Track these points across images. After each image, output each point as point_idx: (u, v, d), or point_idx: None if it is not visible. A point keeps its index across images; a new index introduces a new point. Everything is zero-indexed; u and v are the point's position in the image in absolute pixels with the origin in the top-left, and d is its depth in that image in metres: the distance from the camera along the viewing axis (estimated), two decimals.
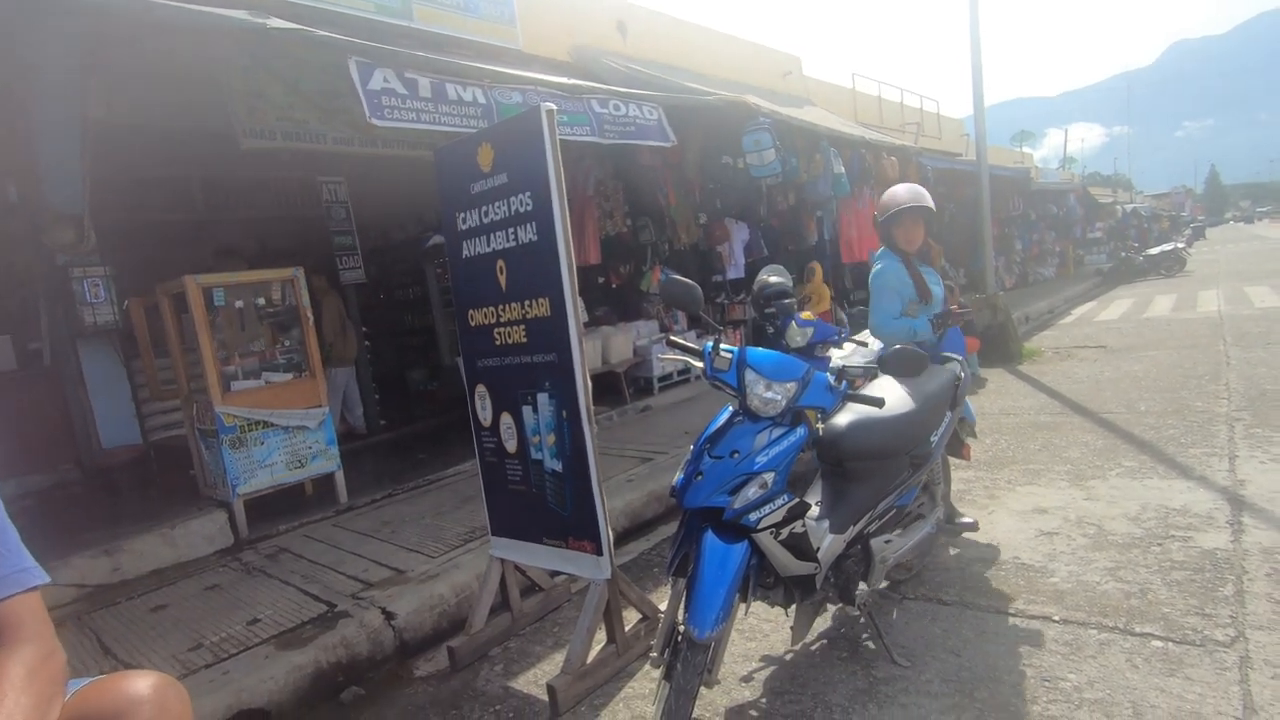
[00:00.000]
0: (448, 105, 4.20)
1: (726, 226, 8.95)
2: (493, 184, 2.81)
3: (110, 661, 3.07)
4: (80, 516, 4.78)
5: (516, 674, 2.84)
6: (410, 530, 4.33)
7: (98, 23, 3.52)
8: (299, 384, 4.89)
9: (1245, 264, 18.84)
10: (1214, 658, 2.32)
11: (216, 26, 3.51)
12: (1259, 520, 3.30)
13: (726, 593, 2.09)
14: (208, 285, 4.59)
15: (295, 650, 2.92)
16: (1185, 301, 12.11)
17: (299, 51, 4.08)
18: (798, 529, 2.25)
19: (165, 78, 4.41)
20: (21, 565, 1.18)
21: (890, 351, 2.21)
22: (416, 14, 5.93)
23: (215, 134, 4.81)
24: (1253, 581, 2.76)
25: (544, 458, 2.85)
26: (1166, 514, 3.49)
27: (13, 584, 1.16)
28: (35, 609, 1.16)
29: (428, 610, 3.29)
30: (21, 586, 1.16)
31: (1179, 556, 3.04)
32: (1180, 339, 8.39)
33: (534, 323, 2.76)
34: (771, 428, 2.23)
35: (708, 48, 9.68)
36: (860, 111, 13.21)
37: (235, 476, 4.52)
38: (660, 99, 5.86)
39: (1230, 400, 5.40)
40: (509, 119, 3.04)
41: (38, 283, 5.24)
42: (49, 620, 1.19)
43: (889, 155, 9.56)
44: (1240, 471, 3.92)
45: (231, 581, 3.86)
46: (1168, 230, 29.35)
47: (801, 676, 2.53)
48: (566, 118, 4.88)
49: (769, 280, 4.18)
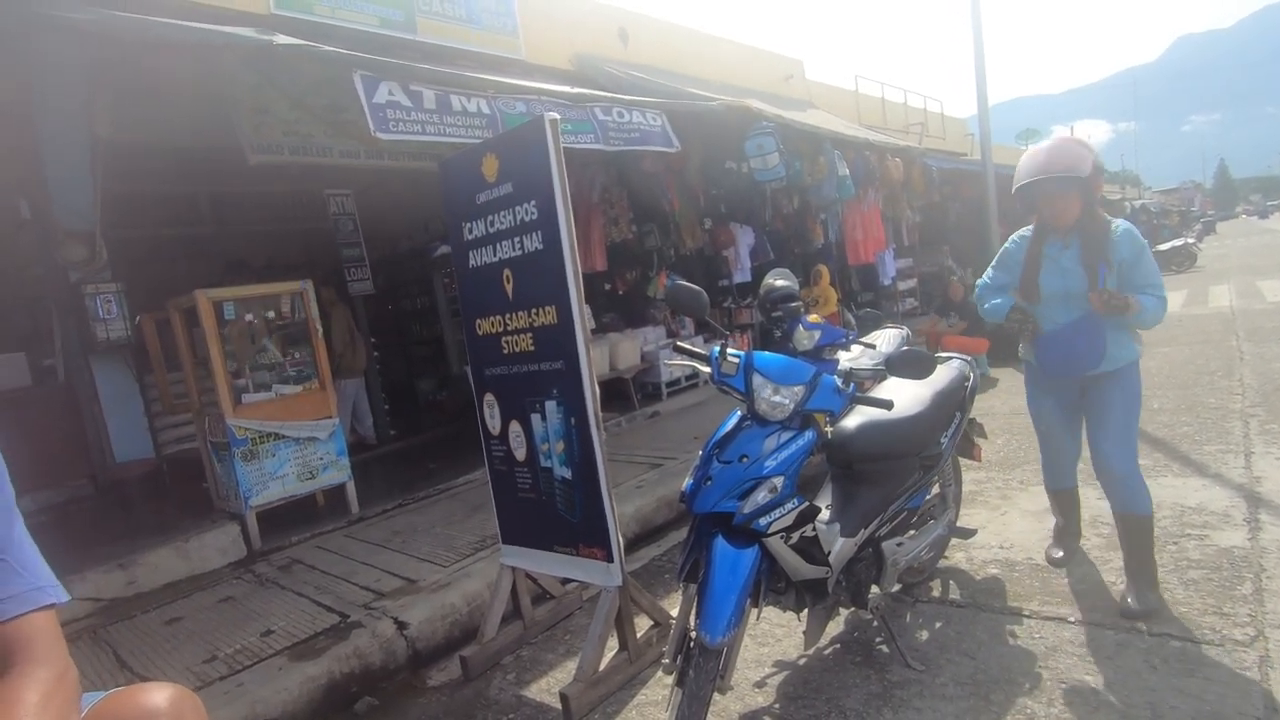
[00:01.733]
0: (452, 117, 4.22)
1: (732, 231, 8.96)
2: (498, 194, 2.83)
3: (126, 674, 3.09)
4: (94, 531, 4.81)
5: (529, 682, 2.84)
6: (421, 540, 4.34)
7: (103, 43, 3.57)
8: (309, 396, 4.92)
9: (1256, 258, 18.66)
10: (1233, 657, 2.30)
11: (224, 44, 3.56)
12: (1276, 517, 3.26)
13: (738, 598, 2.08)
14: (218, 299, 4.62)
15: (309, 661, 2.93)
16: (1196, 297, 12.00)
17: (304, 67, 4.12)
18: (808, 533, 2.24)
19: (172, 95, 4.47)
20: (36, 584, 1.18)
21: (898, 353, 2.21)
22: (420, 27, 5.98)
23: (223, 150, 4.86)
24: (1271, 579, 2.73)
25: (553, 465, 2.85)
26: (1182, 512, 3.46)
27: (26, 602, 1.15)
28: (48, 628, 1.16)
29: (440, 619, 3.29)
30: (34, 605, 1.15)
31: (1196, 555, 3.01)
32: (1192, 335, 8.31)
33: (541, 331, 2.77)
34: (780, 431, 2.23)
35: (709, 53, 9.71)
36: (863, 113, 13.20)
37: (247, 489, 4.54)
38: (663, 105, 5.88)
39: (1244, 396, 5.34)
40: (513, 129, 3.06)
41: (51, 300, 5.30)
42: (62, 638, 1.19)
43: (893, 156, 9.54)
44: (1256, 468, 3.88)
45: (245, 593, 3.88)
46: (1177, 225, 29.12)
47: (815, 681, 2.51)
48: (570, 126, 4.90)
49: (775, 284, 4.15)
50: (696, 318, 2.40)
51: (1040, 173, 2.63)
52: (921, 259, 13.08)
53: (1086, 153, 2.64)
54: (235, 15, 4.64)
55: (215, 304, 4.60)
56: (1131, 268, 2.67)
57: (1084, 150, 2.65)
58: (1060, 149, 2.66)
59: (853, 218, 9.81)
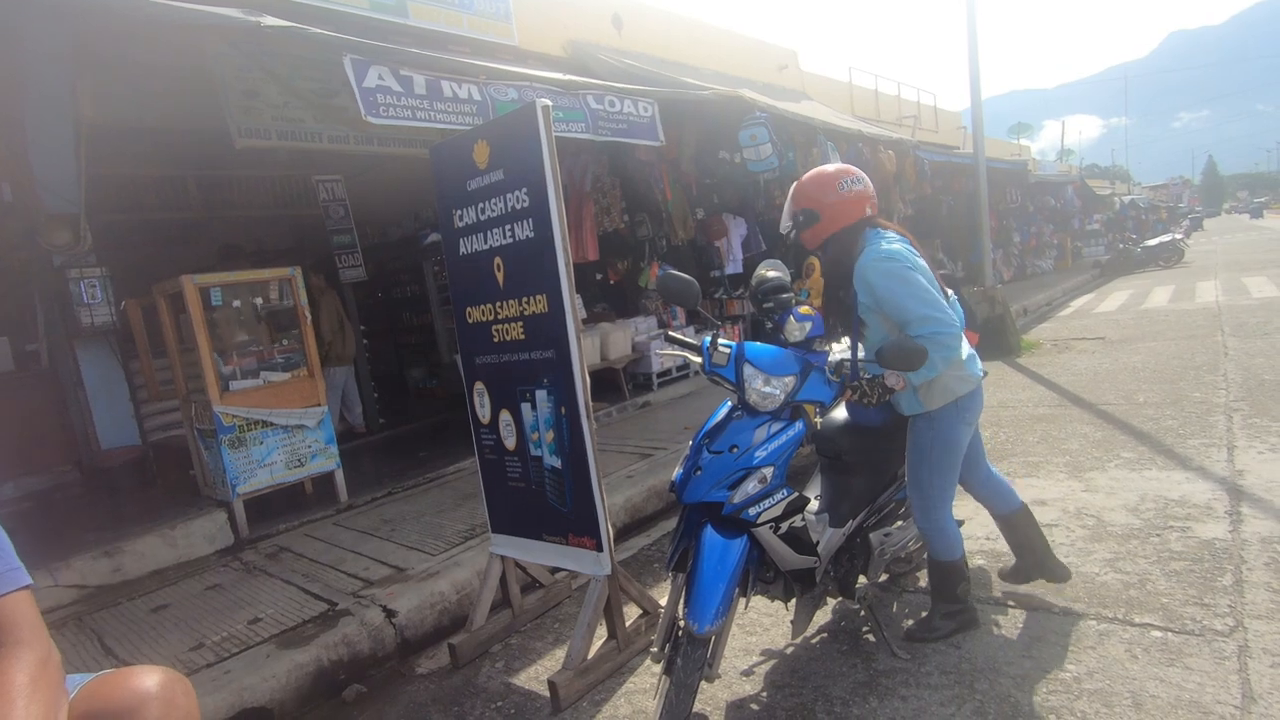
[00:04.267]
0: (443, 102, 4.18)
1: (724, 221, 8.94)
2: (489, 181, 2.81)
3: (112, 662, 3.07)
4: (80, 518, 4.78)
5: (518, 670, 2.85)
6: (411, 528, 4.34)
7: (86, 20, 3.50)
8: (297, 383, 4.88)
9: (1243, 254, 18.85)
10: (1213, 647, 2.33)
11: (209, 24, 3.50)
12: (1257, 510, 3.30)
13: (726, 587, 2.10)
14: (205, 285, 4.58)
15: (297, 649, 2.92)
16: (1183, 293, 12.12)
17: (294, 49, 4.06)
18: (797, 523, 2.25)
19: (158, 77, 4.40)
20: (11, 565, 1.17)
21: (888, 344, 2.21)
22: (411, 11, 5.91)
23: (210, 133, 4.79)
24: (1251, 571, 2.77)
25: (543, 454, 2.85)
26: (1165, 505, 3.50)
27: (4, 582, 1.15)
28: (28, 610, 1.15)
29: (429, 608, 3.29)
30: (13, 585, 1.15)
31: (1178, 547, 3.05)
32: (1178, 330, 8.40)
33: (532, 319, 2.76)
34: (770, 422, 2.23)
35: (703, 41, 9.66)
36: (857, 105, 13.19)
37: (235, 476, 4.52)
38: (656, 94, 5.84)
39: (1228, 390, 5.41)
40: (505, 115, 3.03)
41: (34, 284, 5.23)
42: (42, 621, 1.18)
43: (886, 148, 9.54)
44: (1239, 461, 3.93)
45: (232, 581, 3.86)
46: (1165, 221, 29.36)
47: (802, 670, 2.53)
48: (562, 114, 4.86)
49: (767, 275, 4.15)
50: (688, 308, 2.40)
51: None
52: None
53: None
54: None
55: (202, 289, 4.55)
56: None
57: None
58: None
59: None
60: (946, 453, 2.48)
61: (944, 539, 2.56)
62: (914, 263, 2.37)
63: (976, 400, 2.52)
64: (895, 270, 2.33)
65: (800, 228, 2.56)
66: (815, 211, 2.50)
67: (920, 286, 2.31)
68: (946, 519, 2.55)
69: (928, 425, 2.48)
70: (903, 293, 2.31)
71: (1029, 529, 2.75)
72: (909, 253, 2.40)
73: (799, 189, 2.56)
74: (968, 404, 2.47)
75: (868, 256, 2.39)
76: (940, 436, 2.47)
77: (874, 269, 2.36)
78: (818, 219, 2.50)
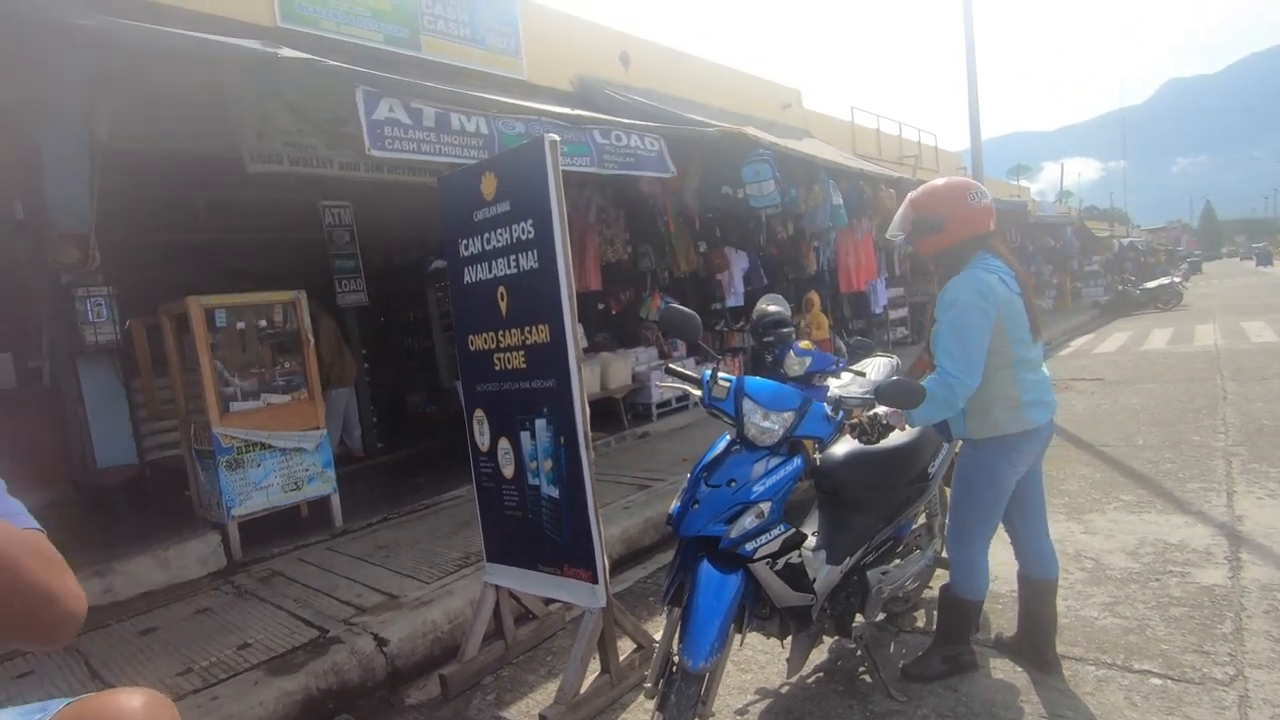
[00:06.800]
0: (450, 135, 4.26)
1: (726, 255, 9.03)
2: (495, 212, 2.85)
3: (97, 684, 3.02)
4: (73, 537, 4.73)
5: (509, 703, 2.81)
6: (405, 555, 4.30)
7: (109, 51, 3.59)
8: (298, 406, 4.89)
9: (1241, 299, 18.95)
10: (1213, 696, 2.30)
11: (230, 57, 3.59)
12: (1257, 556, 3.29)
13: (722, 623, 2.08)
14: (210, 306, 4.61)
15: (285, 676, 2.88)
16: (1182, 335, 12.16)
17: (309, 80, 4.15)
18: (794, 559, 2.24)
19: (174, 102, 4.49)
20: (19, 509, 1.12)
21: (887, 382, 2.23)
22: (424, 45, 6.06)
23: (221, 157, 4.88)
24: (1251, 619, 2.75)
25: (541, 483, 2.85)
26: (1164, 549, 3.48)
27: (26, 520, 1.10)
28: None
29: (421, 637, 3.26)
30: (32, 525, 1.11)
31: (1177, 592, 3.03)
32: (1177, 373, 8.42)
33: (534, 349, 2.78)
34: (769, 457, 2.24)
35: (709, 80, 9.86)
36: (859, 144, 13.41)
37: (230, 498, 4.50)
38: (661, 130, 5.95)
39: (1227, 435, 5.40)
40: (513, 149, 3.10)
41: (41, 301, 5.26)
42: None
43: (887, 187, 9.68)
44: (1238, 507, 3.92)
45: (223, 605, 3.82)
46: (1164, 264, 29.56)
47: (797, 710, 2.50)
48: (568, 148, 4.95)
49: (768, 309, 4.21)
50: (689, 341, 2.42)
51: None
52: (912, 289, 13.22)
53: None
54: (241, 27, 4.69)
55: (207, 310, 4.58)
56: None
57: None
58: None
59: (846, 246, 9.92)
60: (987, 486, 2.46)
61: (969, 574, 2.54)
62: (986, 307, 2.32)
63: (1031, 445, 2.44)
64: (960, 307, 2.34)
65: (917, 236, 2.53)
66: (941, 220, 2.45)
67: (967, 332, 2.31)
68: (978, 555, 2.53)
69: (972, 453, 2.50)
70: (946, 330, 2.34)
71: (1047, 608, 2.59)
72: (990, 292, 2.34)
73: (923, 197, 2.52)
74: (1017, 445, 2.42)
75: (957, 280, 2.40)
76: (983, 468, 2.46)
77: (950, 292, 2.39)
78: (941, 229, 2.46)
